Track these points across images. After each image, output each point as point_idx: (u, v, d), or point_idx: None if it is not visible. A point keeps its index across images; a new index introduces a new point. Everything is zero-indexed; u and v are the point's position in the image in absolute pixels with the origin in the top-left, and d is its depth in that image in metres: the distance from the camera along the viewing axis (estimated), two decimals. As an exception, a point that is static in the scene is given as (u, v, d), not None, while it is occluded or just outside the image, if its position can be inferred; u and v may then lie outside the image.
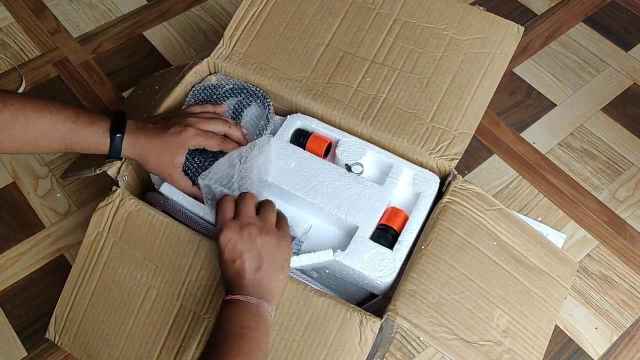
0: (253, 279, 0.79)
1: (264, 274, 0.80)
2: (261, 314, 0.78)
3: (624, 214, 1.24)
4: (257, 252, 0.80)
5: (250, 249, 0.80)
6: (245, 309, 0.77)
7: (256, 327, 0.76)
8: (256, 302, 0.78)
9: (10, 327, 1.10)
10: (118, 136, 0.88)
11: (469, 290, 0.84)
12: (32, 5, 1.55)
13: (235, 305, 0.78)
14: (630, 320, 1.13)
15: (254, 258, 0.80)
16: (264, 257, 0.81)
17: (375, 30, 1.05)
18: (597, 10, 1.55)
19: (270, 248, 0.81)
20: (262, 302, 0.78)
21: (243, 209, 0.83)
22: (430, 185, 0.93)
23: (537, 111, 1.38)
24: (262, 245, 0.81)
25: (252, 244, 0.80)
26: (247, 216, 0.83)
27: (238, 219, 0.82)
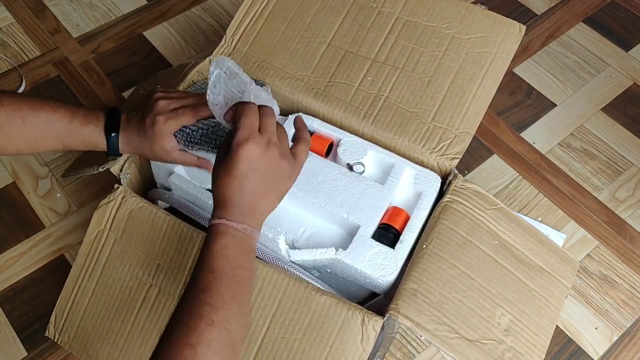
0: (254, 203, 0.74)
1: (267, 201, 0.76)
2: (252, 248, 0.74)
3: (624, 214, 1.24)
4: (271, 176, 0.75)
5: (267, 171, 0.74)
6: (240, 241, 0.72)
7: (249, 266, 0.73)
8: (250, 232, 0.73)
9: (10, 327, 1.10)
10: (113, 135, 0.87)
11: (470, 289, 0.84)
12: (32, 5, 1.55)
13: (228, 235, 0.72)
14: (631, 320, 1.13)
15: (266, 181, 0.74)
16: (273, 183, 0.76)
17: (376, 29, 1.05)
18: (597, 10, 1.55)
19: (282, 176, 0.77)
20: (254, 233, 0.74)
21: (269, 126, 0.76)
22: (432, 184, 0.93)
23: (537, 111, 1.38)
24: (277, 170, 0.76)
25: (270, 165, 0.75)
26: (272, 134, 0.76)
27: (265, 135, 0.75)
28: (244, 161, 0.73)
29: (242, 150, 0.72)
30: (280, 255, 0.88)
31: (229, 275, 0.69)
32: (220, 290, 0.67)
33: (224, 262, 0.69)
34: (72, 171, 1.18)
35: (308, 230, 0.93)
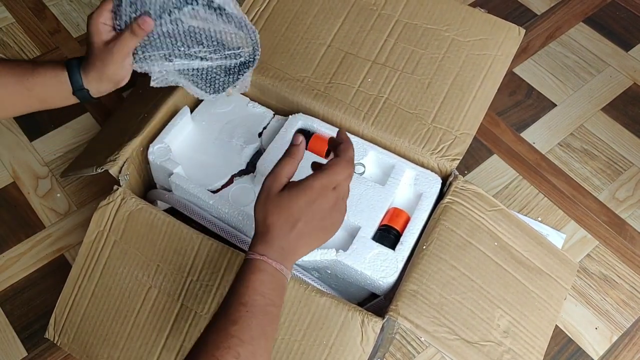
0: (299, 248, 0.73)
1: (309, 248, 0.75)
2: (285, 286, 0.72)
3: (624, 214, 1.24)
4: (326, 229, 0.75)
5: (326, 222, 0.74)
6: (276, 280, 0.70)
7: (279, 303, 0.71)
8: (285, 273, 0.71)
9: (10, 327, 1.10)
10: (74, 62, 0.85)
11: (470, 290, 0.84)
12: (32, 5, 1.55)
13: (267, 272, 0.70)
14: (631, 320, 1.13)
15: (319, 231, 0.74)
16: (324, 235, 0.75)
17: (377, 31, 1.05)
18: (597, 10, 1.55)
19: (334, 230, 0.76)
20: (288, 273, 0.72)
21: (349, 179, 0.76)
22: (432, 185, 0.93)
23: (537, 111, 1.38)
24: (333, 224, 0.75)
25: (333, 219, 0.75)
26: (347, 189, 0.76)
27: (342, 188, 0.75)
28: (315, 206, 0.72)
29: (322, 196, 0.72)
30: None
31: (262, 312, 0.68)
32: (251, 325, 0.66)
33: (258, 298, 0.68)
34: (71, 171, 1.18)
35: (308, 231, 0.93)
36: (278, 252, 0.71)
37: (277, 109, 1.05)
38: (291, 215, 0.71)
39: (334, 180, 0.73)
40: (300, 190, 0.72)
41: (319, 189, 0.72)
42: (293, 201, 0.71)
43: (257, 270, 0.70)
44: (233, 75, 0.94)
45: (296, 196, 0.71)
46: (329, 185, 0.73)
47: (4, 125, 1.34)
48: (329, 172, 0.73)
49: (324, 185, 0.72)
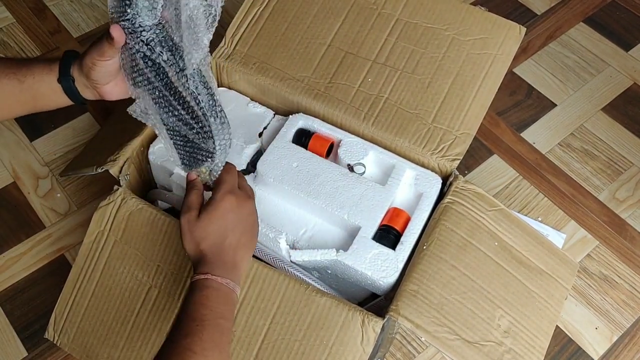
0: (238, 258, 0.78)
1: (247, 255, 0.80)
2: (234, 301, 0.75)
3: (624, 214, 1.24)
4: (249, 230, 0.81)
5: (246, 224, 0.80)
6: (223, 294, 0.74)
7: (230, 317, 0.73)
8: (232, 287, 0.75)
9: (10, 327, 1.10)
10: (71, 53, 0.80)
11: (470, 290, 0.84)
12: (32, 5, 1.55)
13: (212, 288, 0.73)
14: (631, 320, 1.13)
15: (246, 235, 0.80)
16: (251, 236, 0.81)
17: (377, 31, 1.05)
18: (597, 10, 1.55)
19: (255, 229, 0.82)
20: (236, 287, 0.75)
21: (244, 182, 0.85)
22: (433, 185, 0.93)
23: (537, 111, 1.38)
24: (253, 224, 0.82)
25: (249, 218, 0.80)
26: (248, 189, 0.84)
27: (243, 190, 0.82)
28: (230, 214, 0.77)
29: (227, 204, 0.78)
30: (281, 255, 0.88)
31: (212, 324, 0.70)
32: (202, 337, 0.68)
33: (207, 312, 0.71)
34: (70, 170, 1.18)
35: (309, 231, 0.93)
36: (221, 268, 0.75)
37: (277, 109, 1.05)
38: (217, 232, 0.76)
39: (227, 186, 0.79)
40: (212, 208, 0.77)
41: (222, 199, 0.78)
42: (213, 220, 0.77)
43: (203, 287, 0.73)
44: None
45: (212, 214, 0.77)
46: (228, 191, 0.79)
47: (4, 125, 1.34)
48: (220, 183, 0.80)
49: (223, 195, 0.78)
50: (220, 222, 0.77)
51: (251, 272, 0.84)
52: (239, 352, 0.84)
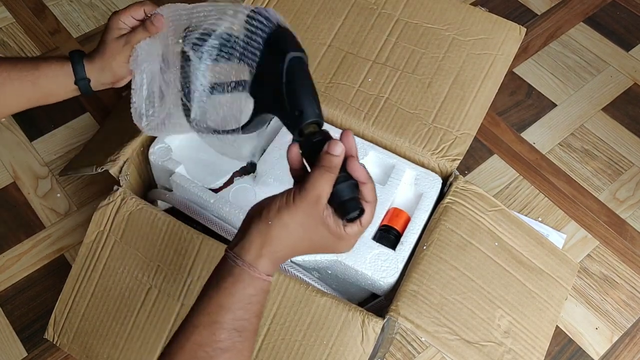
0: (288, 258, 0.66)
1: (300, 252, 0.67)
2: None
3: (625, 214, 1.24)
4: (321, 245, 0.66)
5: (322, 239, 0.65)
6: (264, 291, 0.64)
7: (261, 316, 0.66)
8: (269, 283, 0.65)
9: (10, 327, 1.10)
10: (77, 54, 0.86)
11: (470, 290, 0.84)
12: (32, 5, 1.55)
13: (266, 292, 0.64)
14: (631, 320, 1.13)
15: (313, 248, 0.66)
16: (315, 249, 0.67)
17: (377, 31, 1.05)
18: (598, 10, 1.55)
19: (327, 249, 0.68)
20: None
21: None
22: (433, 185, 0.93)
23: (537, 111, 1.38)
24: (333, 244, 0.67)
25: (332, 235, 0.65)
26: None
27: None
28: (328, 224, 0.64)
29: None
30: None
31: (253, 333, 0.64)
32: (242, 349, 0.63)
33: (256, 321, 0.64)
34: (70, 170, 1.18)
35: (308, 231, 0.93)
36: (276, 266, 0.66)
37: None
38: (318, 245, 0.66)
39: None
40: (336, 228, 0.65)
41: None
42: (329, 236, 0.65)
43: (261, 292, 0.64)
44: None
45: (333, 233, 0.65)
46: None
47: (4, 125, 1.34)
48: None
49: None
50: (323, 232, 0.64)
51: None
52: (239, 352, 0.84)
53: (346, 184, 0.63)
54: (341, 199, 0.63)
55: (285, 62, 0.67)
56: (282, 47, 0.69)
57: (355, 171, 0.64)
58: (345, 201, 0.63)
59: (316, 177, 0.62)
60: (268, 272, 0.64)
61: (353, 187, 0.64)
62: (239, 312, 0.62)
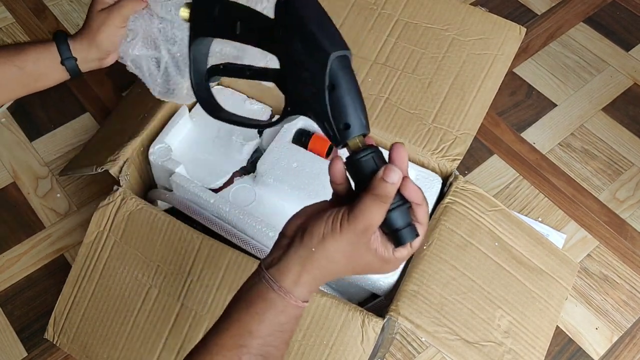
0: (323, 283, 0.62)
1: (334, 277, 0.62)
2: None
3: (625, 214, 1.24)
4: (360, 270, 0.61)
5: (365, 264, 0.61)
6: (296, 318, 0.61)
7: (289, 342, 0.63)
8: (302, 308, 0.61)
9: (10, 327, 1.10)
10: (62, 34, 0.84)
11: (470, 290, 0.84)
12: (32, 5, 1.55)
13: (299, 318, 0.61)
14: (631, 320, 1.13)
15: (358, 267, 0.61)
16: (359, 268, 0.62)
17: (377, 31, 1.05)
18: (598, 10, 1.55)
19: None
20: None
21: None
22: (433, 185, 0.93)
23: (537, 111, 1.38)
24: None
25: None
26: None
27: None
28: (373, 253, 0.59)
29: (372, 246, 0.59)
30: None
31: (280, 358, 0.61)
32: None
33: (285, 347, 0.61)
34: (69, 170, 1.18)
35: (308, 231, 0.93)
36: (313, 292, 0.61)
37: (277, 109, 1.05)
38: (356, 270, 0.61)
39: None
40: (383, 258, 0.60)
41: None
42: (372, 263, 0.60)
43: (293, 320, 0.60)
44: None
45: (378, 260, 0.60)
46: None
47: (4, 125, 1.34)
48: None
49: None
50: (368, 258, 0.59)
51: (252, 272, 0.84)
52: (239, 352, 0.84)
53: (400, 210, 0.57)
54: (395, 226, 0.57)
55: (328, 64, 0.58)
56: (324, 43, 0.59)
57: (410, 193, 0.57)
58: (400, 229, 0.57)
59: (367, 206, 0.56)
60: (304, 298, 0.59)
61: (407, 212, 0.58)
62: (269, 338, 0.59)
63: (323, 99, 0.58)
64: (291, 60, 0.60)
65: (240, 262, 0.85)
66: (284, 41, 0.60)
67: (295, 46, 0.59)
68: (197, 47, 0.69)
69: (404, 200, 0.57)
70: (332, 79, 0.58)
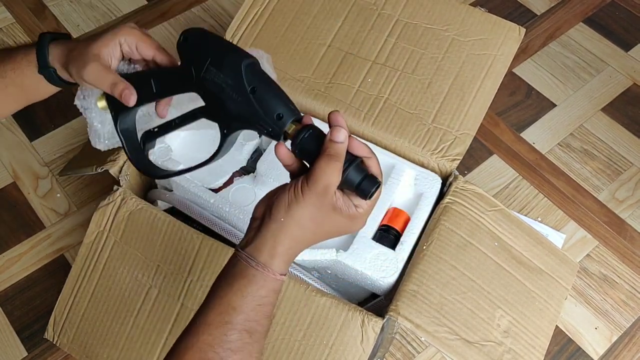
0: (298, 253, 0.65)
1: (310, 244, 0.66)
2: None
3: (624, 214, 1.24)
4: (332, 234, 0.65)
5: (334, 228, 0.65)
6: (275, 291, 0.63)
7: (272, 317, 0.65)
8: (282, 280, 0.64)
9: (10, 327, 1.10)
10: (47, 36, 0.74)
11: (470, 290, 0.84)
12: (32, 5, 1.55)
13: (278, 292, 0.63)
14: (630, 320, 1.13)
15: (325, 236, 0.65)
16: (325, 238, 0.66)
17: (377, 31, 1.05)
18: (597, 11, 1.55)
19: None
20: None
21: None
22: (432, 185, 0.93)
23: (537, 111, 1.38)
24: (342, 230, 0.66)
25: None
26: None
27: None
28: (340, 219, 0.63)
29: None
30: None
31: (264, 334, 0.63)
32: (252, 351, 0.61)
33: (267, 322, 0.63)
34: (69, 170, 1.18)
35: (308, 231, 0.93)
36: (287, 264, 0.64)
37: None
38: (329, 234, 0.65)
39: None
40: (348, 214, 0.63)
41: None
42: (341, 223, 0.64)
43: (272, 293, 0.63)
44: None
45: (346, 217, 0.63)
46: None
47: (4, 125, 1.34)
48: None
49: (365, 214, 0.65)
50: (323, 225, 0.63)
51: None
52: (239, 352, 0.84)
53: (354, 167, 0.62)
54: (355, 181, 0.62)
55: (242, 71, 0.64)
56: (231, 57, 0.65)
57: (358, 149, 0.63)
58: (361, 182, 0.62)
59: (322, 167, 0.60)
60: (282, 271, 0.63)
61: (361, 166, 0.63)
62: (251, 313, 0.61)
63: (251, 103, 0.64)
64: (211, 85, 0.66)
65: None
66: (197, 74, 0.67)
67: (209, 73, 0.66)
68: (124, 123, 0.72)
69: (354, 157, 0.62)
70: (250, 83, 0.64)
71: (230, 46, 0.68)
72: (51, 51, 0.73)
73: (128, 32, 0.72)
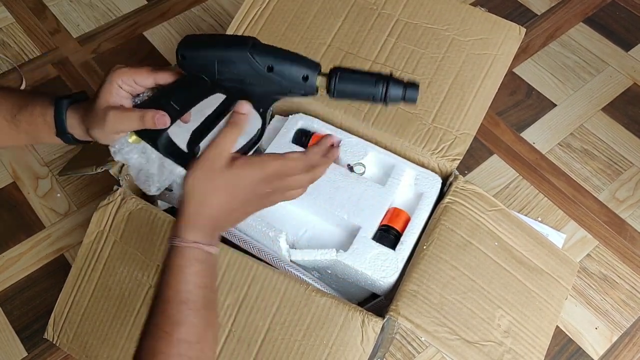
0: (227, 224, 0.70)
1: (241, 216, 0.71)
2: (217, 265, 0.69)
3: (624, 214, 1.24)
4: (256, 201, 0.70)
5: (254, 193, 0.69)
6: (212, 265, 0.67)
7: (215, 286, 0.68)
8: (216, 252, 0.68)
9: (10, 327, 1.10)
10: (64, 102, 0.75)
11: (470, 290, 0.84)
12: (32, 5, 1.55)
13: (205, 262, 0.66)
14: (631, 320, 1.13)
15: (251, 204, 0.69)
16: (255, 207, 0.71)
17: (377, 31, 1.05)
18: (597, 10, 1.55)
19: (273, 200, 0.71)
20: (217, 250, 0.68)
21: None
22: (433, 185, 0.93)
23: (537, 111, 1.38)
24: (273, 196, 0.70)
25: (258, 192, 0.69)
26: None
27: None
28: (260, 188, 0.68)
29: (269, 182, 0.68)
30: (281, 255, 0.88)
31: (204, 305, 0.65)
32: (195, 322, 0.64)
33: (200, 292, 0.65)
34: (69, 170, 1.18)
35: (309, 231, 0.93)
36: (210, 233, 0.67)
37: (277, 109, 1.05)
38: (236, 196, 0.67)
39: (287, 171, 0.70)
40: (253, 167, 0.67)
41: (271, 173, 0.68)
42: (242, 179, 0.67)
43: (193, 261, 0.65)
44: None
45: (248, 175, 0.67)
46: (282, 173, 0.69)
47: (3, 125, 1.34)
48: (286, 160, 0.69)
49: (277, 171, 0.68)
50: (247, 186, 0.67)
51: (251, 272, 0.84)
52: (239, 352, 0.84)
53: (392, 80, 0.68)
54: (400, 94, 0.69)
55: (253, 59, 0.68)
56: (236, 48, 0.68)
57: None
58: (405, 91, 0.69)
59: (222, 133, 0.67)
60: (196, 239, 0.65)
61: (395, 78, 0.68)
62: (178, 285, 0.64)
63: (274, 80, 0.68)
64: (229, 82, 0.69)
65: (240, 262, 0.85)
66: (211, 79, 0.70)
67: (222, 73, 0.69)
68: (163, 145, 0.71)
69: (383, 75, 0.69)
70: (264, 63, 0.67)
71: (228, 39, 0.70)
72: (68, 118, 0.75)
73: (120, 74, 0.72)
